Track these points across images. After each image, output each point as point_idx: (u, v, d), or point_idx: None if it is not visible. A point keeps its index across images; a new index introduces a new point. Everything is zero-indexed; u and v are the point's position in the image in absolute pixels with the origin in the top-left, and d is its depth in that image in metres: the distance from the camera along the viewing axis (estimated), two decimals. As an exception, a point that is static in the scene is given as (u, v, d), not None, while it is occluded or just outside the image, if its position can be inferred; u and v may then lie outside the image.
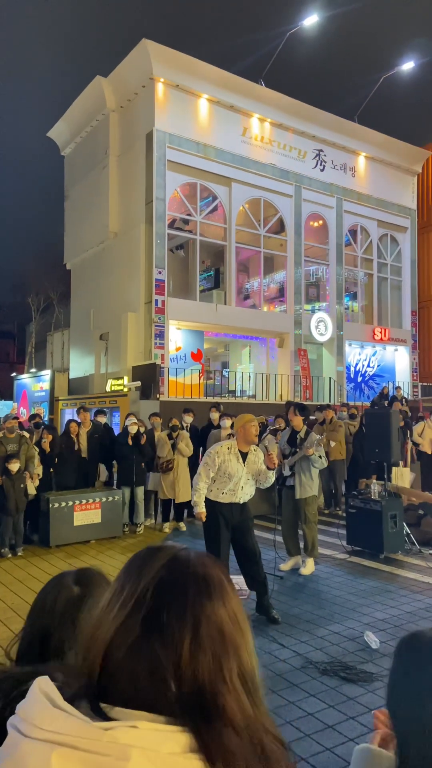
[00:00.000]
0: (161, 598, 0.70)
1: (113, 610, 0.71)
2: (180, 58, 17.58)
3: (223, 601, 0.72)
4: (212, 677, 0.68)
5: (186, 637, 0.68)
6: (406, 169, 24.05)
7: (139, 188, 17.72)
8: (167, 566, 0.74)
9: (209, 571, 0.75)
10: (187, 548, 0.79)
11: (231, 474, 5.30)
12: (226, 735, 0.65)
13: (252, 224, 19.87)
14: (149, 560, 0.75)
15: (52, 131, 22.46)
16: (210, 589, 0.72)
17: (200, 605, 0.70)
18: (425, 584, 6.22)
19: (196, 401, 15.35)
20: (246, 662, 0.72)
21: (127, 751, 0.60)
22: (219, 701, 0.67)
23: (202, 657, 0.68)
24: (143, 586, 0.72)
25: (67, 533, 8.06)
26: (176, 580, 0.72)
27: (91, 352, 20.20)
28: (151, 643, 0.68)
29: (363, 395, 22.54)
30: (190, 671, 0.67)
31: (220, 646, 0.70)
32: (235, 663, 0.70)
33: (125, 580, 0.74)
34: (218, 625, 0.70)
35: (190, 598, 0.71)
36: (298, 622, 5.16)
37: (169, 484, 8.95)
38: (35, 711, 0.65)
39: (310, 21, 20.13)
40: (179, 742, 0.63)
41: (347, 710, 3.63)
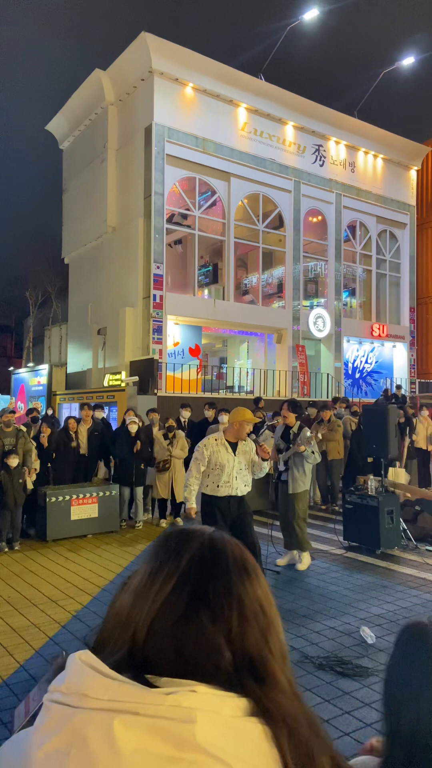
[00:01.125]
0: (206, 574, 0.73)
1: (154, 588, 0.72)
2: (179, 51, 17.49)
3: (259, 581, 0.76)
4: (260, 647, 0.71)
5: (234, 611, 0.71)
6: (406, 165, 24.01)
7: (138, 182, 17.66)
8: (206, 547, 0.76)
9: (245, 553, 0.78)
10: (219, 530, 0.82)
11: (222, 464, 5.31)
12: (282, 698, 0.69)
13: (251, 219, 19.83)
14: (187, 539, 0.77)
15: (50, 124, 22.36)
16: (248, 569, 0.76)
17: (242, 583, 0.73)
18: (421, 580, 6.24)
19: (194, 397, 15.35)
20: (282, 636, 0.76)
21: (191, 713, 0.61)
22: (269, 668, 0.70)
23: (250, 630, 0.71)
24: (184, 563, 0.73)
25: (65, 528, 8.06)
26: (218, 559, 0.75)
27: (89, 346, 20.17)
28: (199, 617, 0.69)
29: (361, 391, 22.57)
30: (239, 642, 0.70)
31: (262, 620, 0.73)
32: (276, 636, 0.74)
33: (163, 557, 0.75)
34: (259, 601, 0.74)
35: (233, 576, 0.73)
36: (294, 616, 5.17)
37: (164, 483, 8.95)
38: (84, 682, 0.65)
39: (311, 15, 20.05)
40: (238, 706, 0.65)
41: (343, 705, 3.64)
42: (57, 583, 6.18)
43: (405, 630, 1.12)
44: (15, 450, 7.71)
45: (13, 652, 4.49)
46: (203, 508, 5.47)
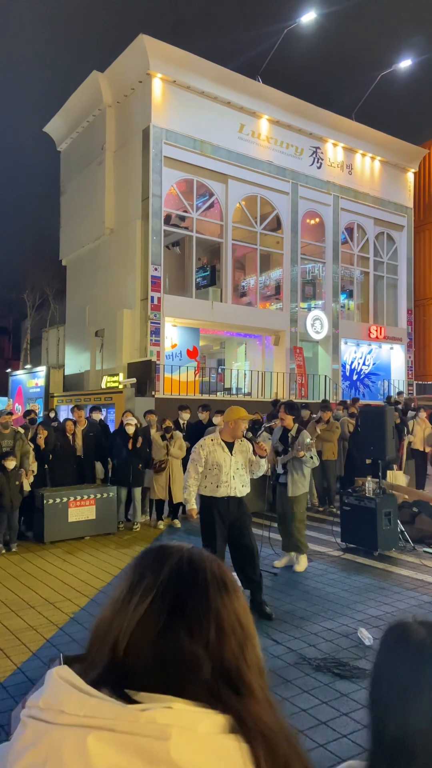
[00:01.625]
0: (184, 590, 0.74)
1: (133, 600, 0.73)
2: (177, 53, 17.52)
3: (237, 596, 0.78)
4: (237, 660, 0.72)
5: (211, 625, 0.72)
6: (403, 167, 24.06)
7: (136, 184, 17.67)
8: (185, 561, 0.77)
9: (223, 569, 0.80)
10: (198, 547, 0.83)
11: (219, 464, 5.31)
12: (259, 709, 0.70)
13: (248, 221, 19.85)
14: (165, 555, 0.78)
15: (48, 126, 22.37)
16: (226, 584, 0.77)
17: (220, 597, 0.75)
18: (419, 581, 6.24)
19: (192, 398, 15.34)
20: (258, 651, 0.78)
21: (166, 730, 0.61)
22: (246, 680, 0.71)
23: (227, 642, 0.72)
24: (163, 578, 0.74)
25: (62, 529, 8.05)
26: (196, 574, 0.76)
27: (87, 348, 20.16)
28: (177, 630, 0.70)
29: (358, 393, 22.58)
30: (216, 656, 0.71)
31: (240, 633, 0.74)
32: (252, 650, 0.76)
33: (142, 572, 0.76)
34: (236, 615, 0.75)
35: (211, 591, 0.75)
36: (292, 618, 5.17)
37: (161, 484, 8.93)
38: (60, 698, 0.65)
39: (308, 18, 20.11)
40: (215, 722, 0.65)
41: (340, 706, 3.64)
42: (54, 585, 6.17)
43: (390, 630, 1.12)
44: (12, 452, 7.70)
45: (10, 655, 4.48)
46: (202, 510, 5.46)
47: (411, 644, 1.05)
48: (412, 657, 1.04)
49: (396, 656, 1.06)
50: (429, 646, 1.04)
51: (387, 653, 1.08)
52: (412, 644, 1.05)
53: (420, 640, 1.05)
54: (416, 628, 1.07)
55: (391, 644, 1.08)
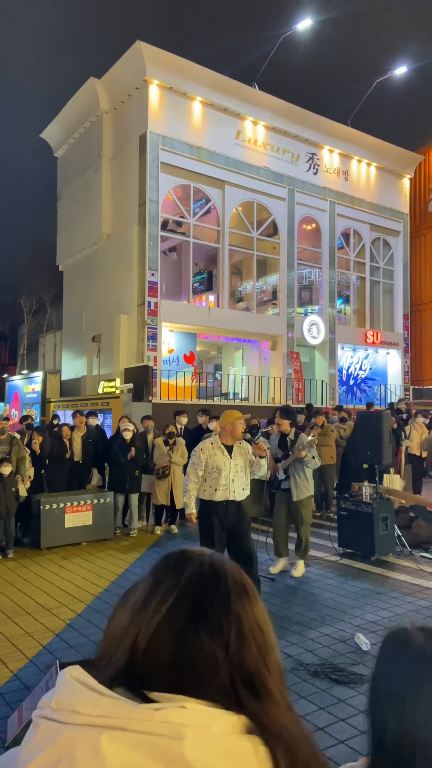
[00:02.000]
0: (205, 593, 0.74)
1: (153, 602, 0.73)
2: (174, 60, 17.60)
3: (257, 602, 0.78)
4: (258, 666, 0.72)
5: (233, 629, 0.72)
6: (399, 173, 24.18)
7: (132, 190, 17.71)
8: (207, 567, 0.77)
9: (243, 575, 0.80)
10: (219, 554, 0.83)
11: (219, 467, 5.32)
12: (279, 712, 0.69)
13: (245, 227, 19.90)
14: (186, 559, 0.79)
15: (45, 132, 22.42)
16: (247, 590, 0.77)
17: (240, 602, 0.75)
18: (416, 586, 6.24)
19: (189, 404, 15.34)
20: (278, 657, 0.77)
21: (180, 729, 0.61)
22: (266, 686, 0.71)
23: (247, 647, 0.72)
24: (185, 580, 0.75)
25: (59, 535, 8.03)
26: (217, 578, 0.76)
27: (84, 353, 20.15)
28: (198, 633, 0.70)
29: (355, 398, 22.61)
30: (238, 659, 0.70)
31: (260, 639, 0.74)
32: (273, 656, 0.75)
33: (162, 575, 0.77)
34: (256, 621, 0.75)
35: (232, 595, 0.75)
36: (289, 624, 5.16)
37: (164, 490, 8.92)
38: (73, 698, 0.65)
39: (304, 25, 20.23)
40: (230, 723, 0.65)
41: (338, 712, 3.63)
42: (51, 591, 6.15)
43: (389, 636, 1.12)
44: (8, 458, 7.69)
45: (6, 661, 4.46)
46: (200, 514, 5.45)
47: (410, 650, 1.05)
48: (412, 663, 1.03)
49: (395, 662, 1.06)
50: (428, 651, 1.03)
51: (386, 659, 1.08)
52: (411, 650, 1.05)
53: (419, 645, 1.05)
54: (415, 634, 1.07)
55: (391, 650, 1.08)
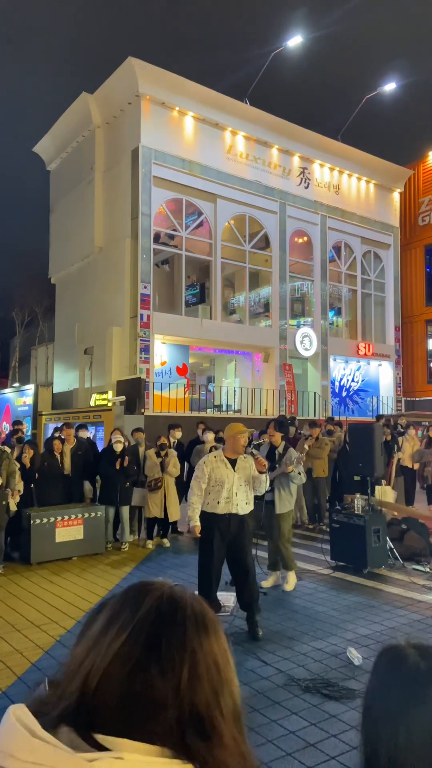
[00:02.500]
0: (160, 628, 0.72)
1: (107, 638, 0.71)
2: (166, 76, 17.78)
3: (217, 638, 0.75)
4: (209, 706, 0.69)
5: (185, 666, 0.69)
6: (389, 187, 24.44)
7: (125, 203, 17.80)
8: (165, 600, 0.75)
9: (204, 608, 0.77)
10: (181, 585, 0.81)
11: (222, 481, 5.32)
12: (227, 758, 0.67)
13: (237, 240, 20.03)
14: (145, 592, 0.76)
15: (37, 146, 22.54)
16: (207, 625, 0.75)
17: (197, 638, 0.72)
18: (408, 599, 6.22)
19: (182, 416, 15.32)
20: (236, 696, 0.74)
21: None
22: (216, 728, 0.69)
23: (200, 686, 0.69)
24: (141, 615, 0.72)
25: (49, 550, 7.95)
26: (175, 613, 0.74)
27: (76, 366, 20.12)
28: (150, 670, 0.68)
29: (348, 410, 22.67)
30: (188, 698, 0.68)
31: (216, 678, 0.71)
32: (229, 697, 0.72)
33: (120, 608, 0.75)
34: (214, 659, 0.73)
35: (189, 631, 0.72)
36: (281, 638, 5.12)
37: (156, 503, 8.86)
38: (12, 741, 0.64)
39: (294, 42, 20.51)
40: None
41: (329, 728, 3.60)
42: (40, 608, 6.08)
43: (382, 653, 1.10)
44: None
45: (-5, 679, 4.40)
46: (202, 527, 5.44)
47: (404, 668, 1.03)
48: (406, 681, 1.02)
49: (389, 680, 1.04)
50: (422, 669, 1.02)
51: (380, 678, 1.06)
52: (405, 668, 1.03)
53: (413, 663, 1.03)
54: (409, 652, 1.05)
55: (384, 668, 1.06)
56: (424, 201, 25.94)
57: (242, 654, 4.74)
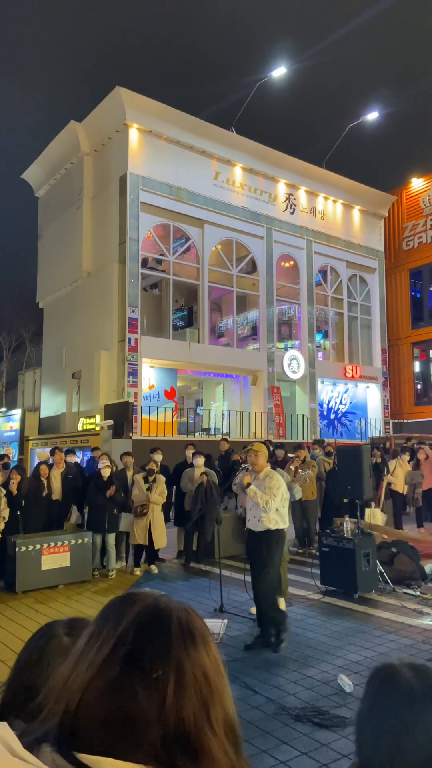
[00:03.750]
0: (143, 640, 0.69)
1: (91, 653, 0.69)
2: (153, 105, 18.11)
3: (206, 648, 0.72)
4: (197, 721, 0.66)
5: (170, 679, 0.66)
6: (373, 212, 24.88)
7: (113, 229, 17.95)
8: (149, 610, 0.72)
9: (192, 618, 0.74)
10: (167, 595, 0.78)
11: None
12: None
13: (224, 264, 20.22)
14: (129, 604, 0.74)
15: (26, 173, 22.75)
16: (194, 635, 0.72)
17: (184, 649, 0.69)
18: (399, 624, 6.16)
19: (170, 440, 15.26)
20: (229, 709, 0.71)
21: None
22: (205, 744, 0.65)
23: (187, 700, 0.66)
24: (123, 628, 0.70)
25: (35, 578, 7.81)
26: (159, 624, 0.71)
27: (63, 390, 20.03)
28: (133, 685, 0.65)
29: (336, 432, 22.70)
30: (174, 713, 0.65)
31: (205, 690, 0.69)
32: (220, 709, 0.69)
33: (103, 623, 0.72)
34: (203, 670, 0.70)
35: (174, 641, 0.69)
36: (270, 666, 5.04)
37: (141, 529, 8.74)
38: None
39: (278, 72, 21.01)
40: None
41: (320, 757, 3.53)
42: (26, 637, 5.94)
43: (375, 672, 1.09)
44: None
45: (-23, 713, 4.27)
46: None
47: (397, 686, 1.02)
48: (399, 699, 1.01)
49: (382, 699, 1.03)
50: (416, 687, 1.01)
51: (373, 697, 1.05)
52: (398, 686, 1.02)
53: (406, 681, 1.02)
54: (402, 671, 1.05)
55: (377, 687, 1.05)
56: (407, 226, 26.42)
57: (231, 683, 4.62)
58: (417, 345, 26.03)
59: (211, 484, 9.26)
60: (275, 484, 5.58)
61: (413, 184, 26.46)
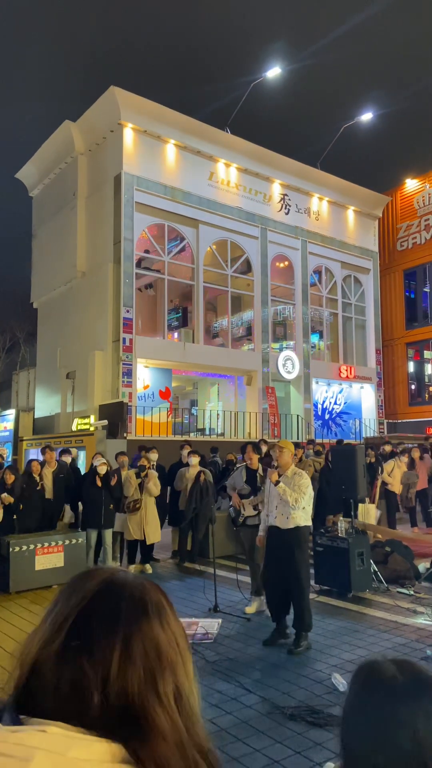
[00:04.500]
0: (91, 614, 0.71)
1: (44, 626, 0.73)
2: (147, 104, 18.09)
3: (161, 621, 0.73)
4: (143, 692, 0.68)
5: (115, 651, 0.69)
6: (368, 213, 24.93)
7: (107, 229, 17.92)
8: (101, 585, 0.75)
9: (147, 592, 0.76)
10: (126, 571, 0.80)
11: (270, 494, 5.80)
12: (156, 745, 0.66)
13: (219, 264, 20.22)
14: (84, 579, 0.76)
15: (20, 173, 22.68)
16: (147, 608, 0.73)
17: (134, 621, 0.71)
18: (393, 623, 6.17)
19: (165, 440, 15.25)
20: (183, 683, 0.72)
21: (30, 752, 0.61)
22: (149, 714, 0.67)
23: (133, 671, 0.69)
24: (75, 601, 0.73)
25: (29, 578, 7.78)
26: (109, 598, 0.73)
27: (58, 390, 19.98)
28: (77, 656, 0.68)
29: (330, 432, 22.73)
30: (119, 684, 0.68)
31: (155, 662, 0.70)
32: (171, 681, 0.71)
33: (59, 598, 0.75)
34: (154, 642, 0.71)
35: (123, 614, 0.71)
36: (264, 665, 5.04)
37: (135, 524, 8.75)
38: None
39: (273, 73, 21.02)
40: (92, 750, 0.63)
41: (314, 756, 3.53)
42: (19, 638, 5.90)
43: (360, 669, 1.09)
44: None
45: (-30, 714, 4.25)
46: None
47: (380, 681, 1.01)
48: (382, 693, 1.00)
49: (365, 694, 1.02)
50: (399, 682, 1.00)
51: (356, 692, 1.05)
52: (381, 681, 1.01)
53: (390, 677, 1.01)
54: (387, 666, 1.04)
55: (361, 683, 1.05)
56: (402, 227, 26.50)
57: (225, 682, 4.65)
58: (411, 345, 26.11)
59: (207, 482, 9.27)
60: (305, 482, 5.68)
61: (407, 184, 26.54)
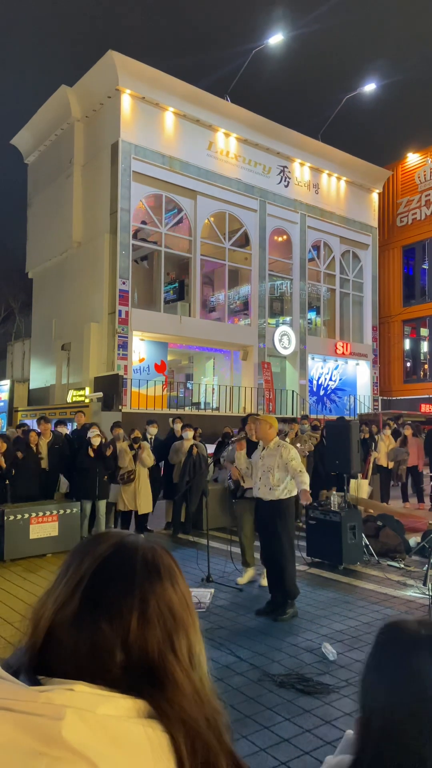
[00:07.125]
0: (106, 576, 0.73)
1: (57, 588, 0.74)
2: (146, 70, 17.65)
3: (172, 583, 0.76)
4: (162, 650, 0.70)
5: (134, 612, 0.70)
6: (368, 188, 24.63)
7: (104, 198, 17.64)
8: (113, 548, 0.76)
9: (159, 555, 0.78)
10: (136, 534, 0.81)
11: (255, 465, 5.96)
12: (182, 700, 0.69)
13: (217, 237, 19.99)
14: (96, 543, 0.78)
15: (15, 139, 22.21)
16: (160, 571, 0.75)
17: (149, 583, 0.73)
18: (383, 595, 6.26)
19: (160, 413, 15.25)
20: (195, 642, 0.75)
21: (61, 710, 0.61)
22: (169, 672, 0.70)
23: (151, 631, 0.71)
24: (87, 565, 0.74)
25: (23, 547, 7.84)
26: (123, 561, 0.75)
27: (53, 362, 19.90)
28: (95, 617, 0.70)
29: (325, 408, 22.81)
30: (138, 644, 0.69)
31: (170, 623, 0.72)
32: (185, 641, 0.73)
33: (71, 561, 0.77)
34: (168, 604, 0.73)
35: (138, 576, 0.73)
36: (256, 634, 5.12)
37: (129, 495, 8.81)
38: None
39: (275, 40, 20.53)
40: (119, 706, 0.65)
41: (303, 723, 3.60)
42: (13, 605, 5.99)
43: (383, 627, 1.11)
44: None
45: (-35, 677, 4.31)
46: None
47: (404, 635, 1.05)
48: (403, 647, 1.03)
49: (387, 648, 1.05)
50: (421, 636, 1.03)
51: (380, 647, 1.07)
52: (403, 635, 1.05)
53: (411, 630, 1.05)
54: (409, 622, 1.08)
55: (385, 638, 1.08)
56: (402, 202, 26.21)
57: (216, 649, 4.71)
58: (408, 323, 26.06)
59: (200, 456, 9.31)
60: (293, 455, 5.78)
61: (409, 159, 26.17)
